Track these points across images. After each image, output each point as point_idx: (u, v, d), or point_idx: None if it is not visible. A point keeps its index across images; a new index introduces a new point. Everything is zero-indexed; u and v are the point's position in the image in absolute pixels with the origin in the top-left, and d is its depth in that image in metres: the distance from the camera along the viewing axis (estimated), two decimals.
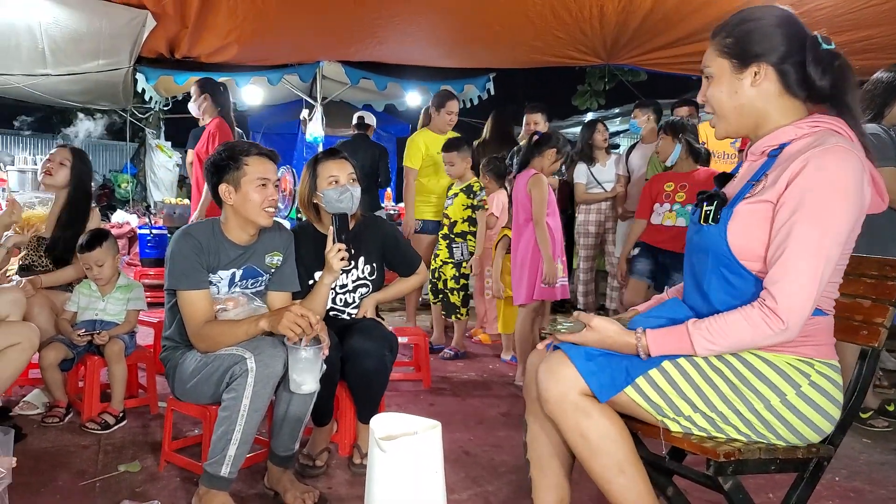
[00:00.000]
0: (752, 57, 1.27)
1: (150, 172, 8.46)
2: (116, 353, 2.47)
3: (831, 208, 1.16)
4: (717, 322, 1.22)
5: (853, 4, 3.86)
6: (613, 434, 1.26)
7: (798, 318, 1.17)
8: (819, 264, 1.16)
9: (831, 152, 1.17)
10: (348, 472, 2.11)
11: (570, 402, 1.25)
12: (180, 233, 1.92)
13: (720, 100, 1.32)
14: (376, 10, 4.47)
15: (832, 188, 1.16)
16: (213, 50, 5.42)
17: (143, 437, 2.36)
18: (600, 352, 1.30)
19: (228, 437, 1.69)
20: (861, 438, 2.48)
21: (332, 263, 1.97)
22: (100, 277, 2.53)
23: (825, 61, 1.24)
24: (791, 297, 1.16)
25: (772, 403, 1.24)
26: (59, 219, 2.70)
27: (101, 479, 1.98)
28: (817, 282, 1.17)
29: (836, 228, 1.17)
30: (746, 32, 1.28)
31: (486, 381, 3.25)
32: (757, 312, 1.19)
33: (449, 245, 3.58)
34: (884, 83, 2.63)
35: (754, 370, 1.25)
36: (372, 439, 1.24)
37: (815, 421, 1.26)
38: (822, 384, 1.26)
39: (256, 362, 1.69)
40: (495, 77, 6.40)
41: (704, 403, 1.26)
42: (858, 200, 1.18)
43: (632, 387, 1.26)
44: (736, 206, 1.27)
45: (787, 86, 1.27)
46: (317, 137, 6.34)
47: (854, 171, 1.17)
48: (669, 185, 3.14)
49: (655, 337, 1.26)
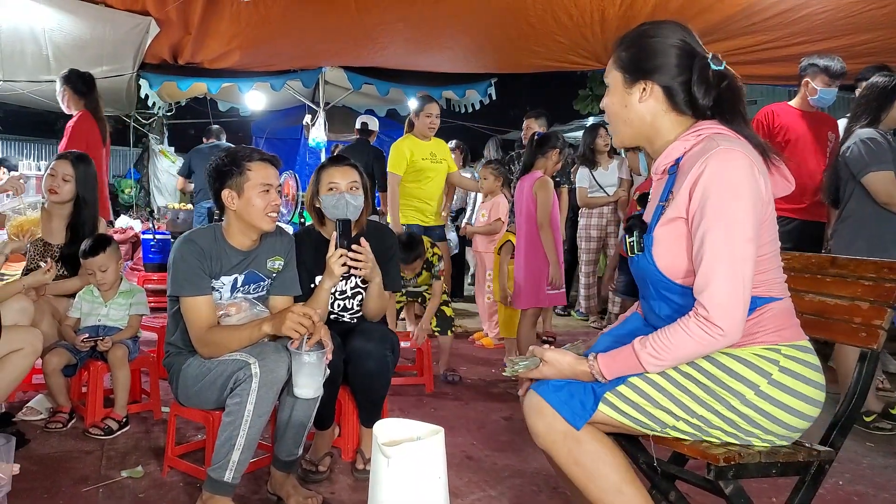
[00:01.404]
0: (641, 74, 1.31)
1: (153, 178, 8.50)
2: (120, 358, 2.47)
3: (730, 210, 1.19)
4: (660, 338, 1.23)
5: (852, 9, 3.87)
6: (606, 456, 1.26)
7: (732, 319, 1.18)
8: (735, 265, 1.18)
9: (716, 156, 1.21)
10: (351, 477, 2.11)
11: (559, 433, 1.26)
12: (182, 239, 1.93)
13: (613, 110, 1.38)
14: (379, 15, 4.49)
15: (725, 190, 1.19)
16: (217, 56, 5.46)
17: (147, 442, 2.37)
18: (567, 381, 1.30)
19: (232, 442, 1.69)
20: (864, 442, 2.48)
21: (332, 268, 1.98)
22: (103, 283, 2.54)
23: (710, 82, 1.28)
24: (719, 303, 1.18)
25: (747, 398, 1.24)
26: (68, 232, 2.71)
27: (104, 485, 1.99)
28: (739, 281, 1.18)
29: (739, 227, 1.19)
30: (639, 50, 1.32)
31: (488, 385, 3.25)
32: (694, 322, 1.20)
33: (428, 268, 3.27)
34: (878, 88, 2.64)
35: (723, 367, 1.25)
36: (375, 445, 1.24)
37: (796, 407, 1.25)
38: (792, 368, 1.25)
39: (261, 367, 1.69)
40: (497, 82, 6.42)
41: (683, 411, 1.25)
42: (753, 193, 1.20)
43: (606, 405, 1.26)
44: (654, 231, 1.31)
45: (675, 104, 1.31)
46: (319, 142, 6.37)
47: (741, 167, 1.21)
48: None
49: (606, 361, 1.27)
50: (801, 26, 4.15)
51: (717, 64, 1.28)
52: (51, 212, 2.74)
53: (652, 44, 1.31)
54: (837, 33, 4.20)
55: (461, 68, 6.02)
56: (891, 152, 2.55)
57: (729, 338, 1.20)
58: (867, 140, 2.55)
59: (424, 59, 5.73)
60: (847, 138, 2.66)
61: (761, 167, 1.25)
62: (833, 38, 4.25)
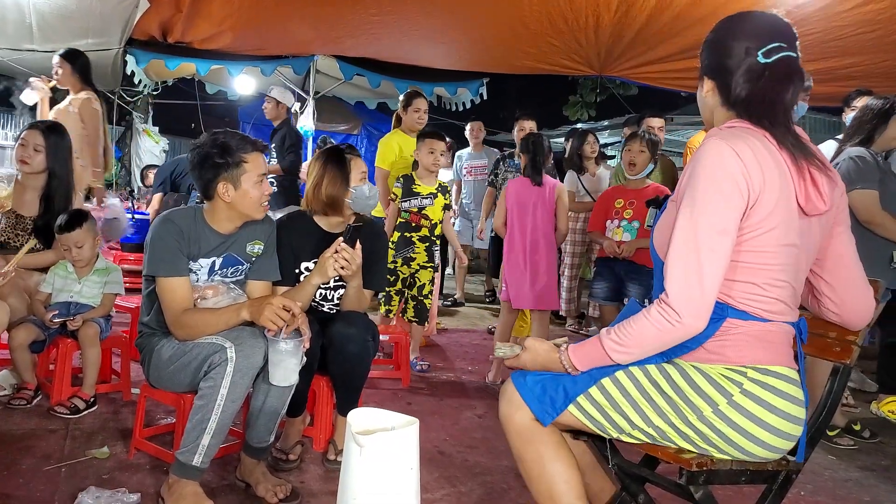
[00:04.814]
0: (706, 70, 1.35)
1: (135, 156, 8.33)
2: (91, 336, 2.42)
3: (703, 199, 1.18)
4: (624, 326, 1.23)
5: (841, 32, 3.96)
6: (554, 462, 1.29)
7: (690, 307, 1.16)
8: (698, 255, 1.16)
9: (703, 146, 1.22)
10: (322, 467, 2.09)
11: (522, 425, 1.30)
12: (161, 218, 1.89)
13: (699, 104, 1.41)
14: (374, 5, 4.46)
15: (702, 179, 1.19)
16: (207, 36, 5.36)
17: (114, 423, 2.32)
18: (548, 374, 1.32)
19: (203, 426, 1.67)
20: (827, 455, 2.53)
21: (326, 269, 1.94)
22: (78, 259, 2.48)
23: (751, 73, 1.25)
24: (678, 288, 1.17)
25: (704, 414, 1.22)
26: (42, 204, 2.64)
27: (67, 465, 1.94)
28: (701, 269, 1.16)
29: (709, 219, 1.17)
30: (706, 46, 1.35)
31: (464, 382, 3.25)
32: (655, 308, 1.20)
33: (429, 248, 3.33)
34: (873, 110, 2.70)
35: (689, 380, 1.24)
36: (349, 433, 1.23)
37: (754, 433, 1.21)
38: (756, 392, 1.21)
39: (237, 352, 1.67)
40: (489, 82, 6.43)
41: (642, 419, 1.26)
42: (733, 188, 1.17)
43: (574, 406, 1.27)
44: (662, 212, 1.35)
45: (726, 99, 1.31)
46: (307, 131, 6.31)
47: (723, 160, 1.17)
48: (619, 201, 3.21)
49: (575, 350, 1.28)
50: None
51: (765, 57, 1.24)
52: (24, 183, 2.66)
53: (713, 42, 1.33)
54: (826, 55, 4.28)
55: (453, 65, 6.02)
56: (879, 173, 2.61)
57: (686, 326, 1.17)
58: (856, 158, 2.60)
59: (417, 54, 5.71)
60: (837, 156, 2.72)
61: (766, 167, 1.18)
62: (821, 60, 4.33)
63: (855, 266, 1.34)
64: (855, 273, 1.34)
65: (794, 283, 1.26)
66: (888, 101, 2.69)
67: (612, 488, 1.52)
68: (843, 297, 1.34)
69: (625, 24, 4.44)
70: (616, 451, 1.47)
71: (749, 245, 1.21)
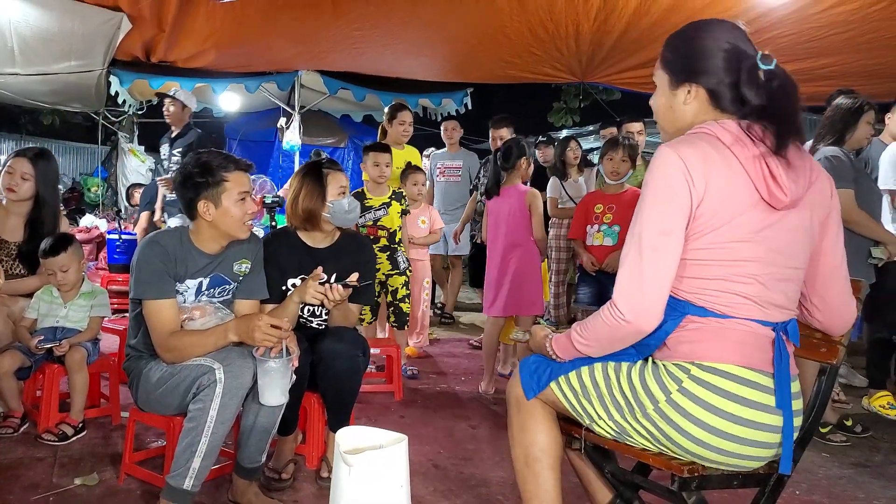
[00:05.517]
0: (686, 76, 1.28)
1: (121, 177, 8.30)
2: (78, 361, 2.39)
3: (646, 203, 1.23)
4: (587, 322, 1.29)
5: (815, 34, 4.03)
6: (537, 434, 1.40)
7: (632, 306, 1.18)
8: (641, 256, 1.19)
9: (654, 156, 1.24)
10: (315, 485, 2.07)
11: (513, 397, 1.46)
12: (147, 240, 1.88)
13: (659, 110, 1.36)
14: (357, 20, 4.49)
15: (647, 185, 1.24)
16: (190, 55, 5.37)
17: (104, 448, 2.29)
18: (546, 359, 1.42)
19: (193, 448, 1.65)
20: (820, 453, 2.55)
21: (306, 294, 1.93)
22: (63, 283, 2.45)
23: (760, 82, 1.23)
24: (622, 288, 1.21)
25: (647, 410, 1.24)
26: (27, 229, 2.62)
27: (55, 493, 1.91)
28: (642, 273, 1.18)
29: (650, 221, 1.20)
30: (687, 52, 1.29)
31: (457, 392, 3.24)
32: (606, 307, 1.24)
33: (391, 256, 3.34)
34: (843, 109, 2.73)
35: (641, 375, 1.27)
36: (337, 452, 1.22)
37: (691, 431, 1.20)
38: (695, 391, 1.19)
39: (225, 373, 1.66)
40: (473, 92, 6.47)
41: (604, 411, 1.32)
42: (675, 190, 1.18)
43: (555, 384, 1.38)
44: None
45: (719, 104, 1.26)
46: (293, 146, 6.31)
47: (666, 166, 1.19)
48: (599, 206, 3.22)
49: (556, 339, 1.37)
50: (766, 48, 4.29)
51: (766, 63, 1.23)
52: (8, 209, 2.64)
53: (697, 46, 1.27)
54: (801, 56, 4.36)
55: (437, 76, 6.06)
56: (853, 172, 2.64)
57: (633, 325, 1.19)
58: (831, 157, 2.63)
59: (401, 67, 5.75)
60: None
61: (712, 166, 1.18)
62: (797, 61, 4.41)
63: (846, 279, 1.34)
64: (845, 286, 1.34)
65: (764, 279, 1.21)
66: (858, 100, 2.72)
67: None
68: (832, 308, 1.34)
69: (604, 31, 4.50)
70: (609, 457, 1.47)
71: (700, 242, 1.20)
